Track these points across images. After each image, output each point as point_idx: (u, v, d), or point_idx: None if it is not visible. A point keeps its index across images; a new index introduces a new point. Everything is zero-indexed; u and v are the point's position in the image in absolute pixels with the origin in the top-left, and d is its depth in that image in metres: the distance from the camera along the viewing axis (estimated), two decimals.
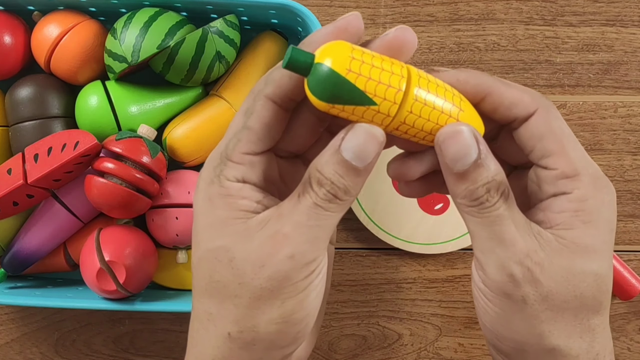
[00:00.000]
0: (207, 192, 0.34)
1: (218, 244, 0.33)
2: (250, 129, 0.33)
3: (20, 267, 0.59)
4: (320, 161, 0.32)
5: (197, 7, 0.57)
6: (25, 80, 0.58)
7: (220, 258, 0.33)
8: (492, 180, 0.33)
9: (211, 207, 0.33)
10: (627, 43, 0.65)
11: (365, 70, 0.30)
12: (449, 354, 0.65)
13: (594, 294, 0.34)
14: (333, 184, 0.32)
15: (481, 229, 0.33)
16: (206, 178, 0.34)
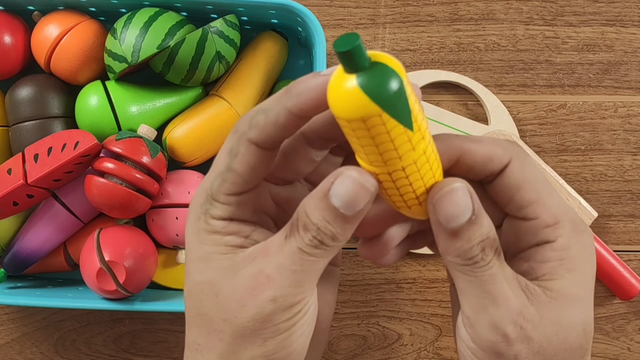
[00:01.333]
0: (195, 227, 0.33)
1: (205, 277, 0.33)
2: (234, 172, 0.32)
3: (20, 267, 0.59)
4: (308, 204, 0.30)
5: (197, 7, 0.57)
6: (25, 80, 0.58)
7: (207, 292, 0.32)
8: (486, 238, 0.32)
9: (199, 242, 0.33)
10: (627, 43, 0.65)
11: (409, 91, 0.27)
12: (449, 354, 0.65)
13: (582, 343, 0.34)
14: (319, 230, 0.30)
15: (472, 287, 0.32)
16: (194, 212, 0.33)
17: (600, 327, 0.65)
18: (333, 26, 0.65)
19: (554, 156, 0.65)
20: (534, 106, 0.65)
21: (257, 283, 0.31)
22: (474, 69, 0.65)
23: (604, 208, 0.65)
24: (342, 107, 0.27)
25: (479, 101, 0.64)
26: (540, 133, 0.65)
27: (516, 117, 0.64)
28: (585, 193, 0.65)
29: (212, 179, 0.33)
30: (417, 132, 0.28)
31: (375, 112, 0.26)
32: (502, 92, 0.65)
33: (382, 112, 0.27)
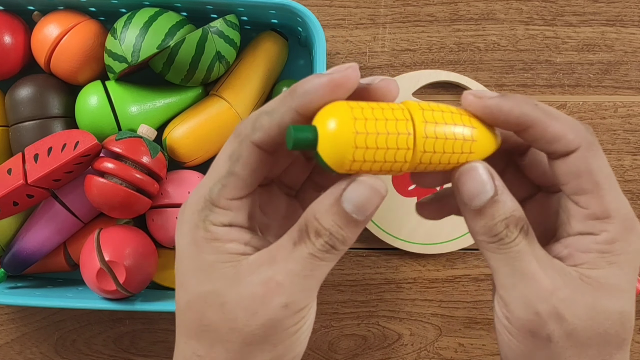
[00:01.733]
0: (192, 236, 0.33)
1: (208, 288, 0.32)
2: (236, 175, 0.32)
3: (21, 267, 0.59)
4: (319, 210, 0.31)
5: (197, 7, 0.57)
6: (25, 80, 0.58)
7: (211, 302, 0.32)
8: (510, 215, 0.33)
9: (197, 251, 0.33)
10: (627, 43, 0.65)
11: (371, 127, 0.29)
12: (449, 354, 0.65)
13: (618, 331, 0.34)
14: (332, 235, 0.31)
15: (502, 265, 0.33)
16: (190, 221, 0.33)
17: None
18: (333, 26, 0.65)
19: None
20: None
21: (267, 290, 0.31)
22: (474, 69, 0.65)
23: None
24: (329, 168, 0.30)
25: None
26: None
27: None
28: None
29: (211, 184, 0.33)
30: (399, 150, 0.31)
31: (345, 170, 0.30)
32: (502, 92, 0.65)
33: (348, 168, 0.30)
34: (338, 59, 0.65)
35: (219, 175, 0.33)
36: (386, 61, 0.65)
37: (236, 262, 0.32)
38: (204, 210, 0.33)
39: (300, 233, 0.31)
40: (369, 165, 0.30)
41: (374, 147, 0.30)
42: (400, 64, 0.65)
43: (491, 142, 0.34)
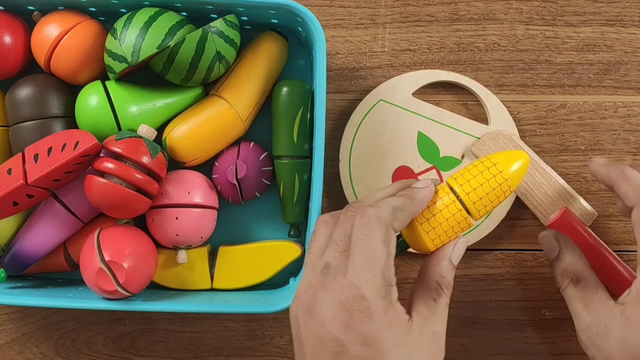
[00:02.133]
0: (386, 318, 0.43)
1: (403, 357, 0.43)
2: (391, 255, 0.44)
3: (20, 267, 0.59)
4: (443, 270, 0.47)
5: (197, 7, 0.57)
6: (25, 80, 0.58)
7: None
8: (563, 270, 0.53)
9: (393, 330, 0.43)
10: (627, 43, 0.65)
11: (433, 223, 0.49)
12: (449, 354, 0.65)
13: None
14: (450, 284, 0.47)
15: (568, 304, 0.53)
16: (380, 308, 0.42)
17: None
18: (333, 26, 0.65)
19: (554, 156, 0.65)
20: (534, 106, 0.65)
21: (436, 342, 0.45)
22: (474, 69, 0.65)
23: (604, 208, 0.65)
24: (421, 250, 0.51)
25: (479, 101, 0.64)
26: (540, 133, 0.65)
27: (516, 117, 0.64)
28: (585, 193, 0.65)
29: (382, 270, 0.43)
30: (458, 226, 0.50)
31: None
32: (502, 92, 0.65)
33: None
34: (338, 59, 0.65)
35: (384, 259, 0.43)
36: (386, 61, 0.65)
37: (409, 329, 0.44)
38: (387, 294, 0.43)
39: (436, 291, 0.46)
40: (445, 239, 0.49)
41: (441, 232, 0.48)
42: (400, 64, 0.65)
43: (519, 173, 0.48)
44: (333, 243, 0.46)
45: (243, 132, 0.60)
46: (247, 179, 0.60)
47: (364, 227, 0.44)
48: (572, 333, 0.65)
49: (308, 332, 0.45)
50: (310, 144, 0.60)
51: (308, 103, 0.59)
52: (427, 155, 0.63)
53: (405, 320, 0.43)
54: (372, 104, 0.63)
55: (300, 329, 0.46)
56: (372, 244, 0.43)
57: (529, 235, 0.65)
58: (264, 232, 0.64)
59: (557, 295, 0.65)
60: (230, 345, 0.65)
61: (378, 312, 0.42)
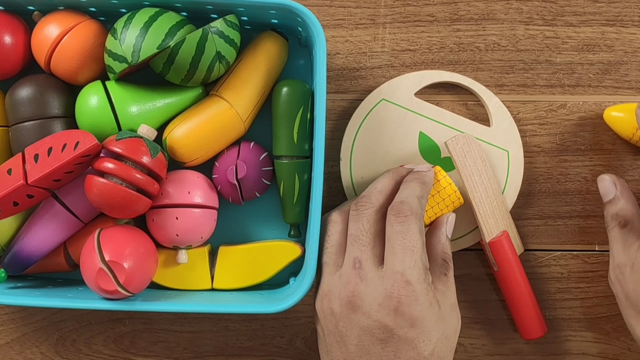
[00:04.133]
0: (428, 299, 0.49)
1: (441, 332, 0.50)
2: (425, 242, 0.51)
3: (20, 267, 0.59)
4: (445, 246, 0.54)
5: (197, 7, 0.57)
6: (25, 80, 0.58)
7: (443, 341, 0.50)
8: (615, 213, 0.57)
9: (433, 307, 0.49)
10: (627, 43, 0.65)
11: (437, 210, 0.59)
12: None
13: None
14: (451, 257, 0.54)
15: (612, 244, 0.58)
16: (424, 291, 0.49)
17: (600, 327, 0.65)
18: (333, 26, 0.65)
19: (554, 156, 0.65)
20: (534, 106, 0.65)
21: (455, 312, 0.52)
22: (474, 69, 0.65)
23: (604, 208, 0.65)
24: None
25: (479, 101, 0.64)
26: (540, 133, 0.65)
27: (516, 117, 0.64)
28: (585, 193, 0.65)
29: (421, 256, 0.49)
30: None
31: None
32: (502, 92, 0.65)
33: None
34: (338, 59, 0.65)
35: (421, 247, 0.50)
36: (386, 61, 0.65)
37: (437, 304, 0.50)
38: (426, 278, 0.49)
39: (445, 266, 0.53)
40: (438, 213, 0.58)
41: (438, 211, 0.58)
42: (400, 64, 0.65)
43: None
44: (354, 239, 0.51)
45: (243, 132, 0.60)
46: (247, 179, 0.60)
47: (398, 219, 0.49)
48: (572, 333, 0.65)
49: (351, 324, 0.49)
50: (310, 144, 0.60)
51: (308, 103, 0.59)
52: (428, 156, 0.63)
53: (437, 300, 0.49)
54: (374, 104, 0.63)
55: (339, 324, 0.50)
56: (411, 235, 0.49)
57: (529, 235, 0.65)
58: (264, 232, 0.64)
59: (557, 295, 0.65)
60: (230, 345, 0.65)
61: (422, 294, 0.48)
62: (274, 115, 0.60)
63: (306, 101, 0.59)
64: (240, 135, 0.60)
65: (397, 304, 0.47)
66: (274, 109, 0.60)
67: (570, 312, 0.65)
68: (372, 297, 0.48)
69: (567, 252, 0.65)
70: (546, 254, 0.65)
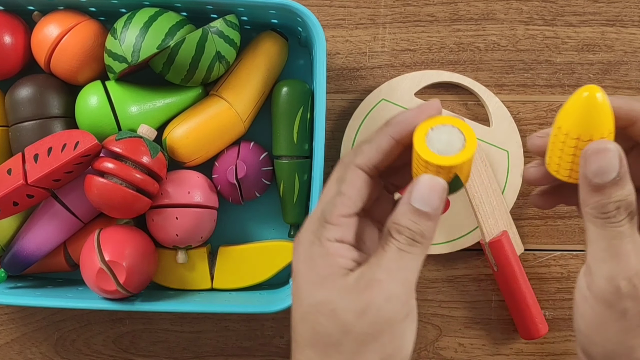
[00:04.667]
0: (309, 253, 0.38)
1: (320, 298, 0.37)
2: (344, 194, 0.38)
3: (21, 267, 0.59)
4: (396, 215, 0.37)
5: (197, 7, 0.57)
6: (25, 80, 0.58)
7: (323, 311, 0.36)
8: (624, 199, 0.36)
9: (312, 266, 0.37)
10: (627, 43, 0.65)
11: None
12: (449, 354, 0.65)
13: None
14: (410, 230, 0.36)
15: (600, 240, 0.36)
16: (305, 241, 0.38)
17: None
18: (333, 26, 0.65)
19: None
20: (534, 106, 0.65)
21: (371, 289, 0.36)
22: (474, 69, 0.65)
23: None
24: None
25: (479, 101, 0.64)
26: None
27: (516, 117, 0.64)
28: None
29: (323, 206, 0.38)
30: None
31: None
32: (502, 92, 0.65)
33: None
34: (338, 59, 0.65)
35: (329, 197, 0.38)
36: (386, 61, 0.65)
37: (345, 275, 0.37)
38: (318, 229, 0.38)
39: (386, 238, 0.37)
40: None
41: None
42: (400, 64, 0.65)
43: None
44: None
45: (243, 132, 0.60)
46: (247, 179, 0.60)
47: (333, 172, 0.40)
48: (571, 333, 0.65)
49: None
50: (310, 144, 0.60)
51: (308, 103, 0.59)
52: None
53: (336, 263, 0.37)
54: (374, 104, 0.63)
55: None
56: (328, 183, 0.39)
57: (529, 235, 0.65)
58: (264, 232, 0.64)
59: (557, 296, 0.65)
60: (230, 345, 0.65)
61: (303, 244, 0.38)
62: (274, 115, 0.60)
63: (306, 101, 0.59)
64: (240, 135, 0.60)
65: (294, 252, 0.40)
66: (273, 109, 0.60)
67: (570, 312, 0.65)
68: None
69: (567, 252, 0.65)
70: (546, 254, 0.65)
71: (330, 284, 0.37)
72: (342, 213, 0.38)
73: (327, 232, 0.38)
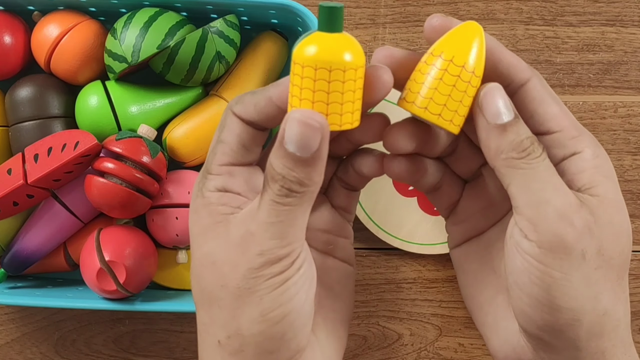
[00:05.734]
0: (194, 206, 0.35)
1: (203, 250, 0.34)
2: (223, 142, 0.35)
3: (21, 267, 0.59)
4: (271, 156, 0.32)
5: (197, 7, 0.57)
6: (25, 80, 0.58)
7: (205, 264, 0.34)
8: (532, 135, 0.33)
9: (197, 218, 0.35)
10: (627, 43, 0.65)
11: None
12: (449, 354, 0.65)
13: (629, 249, 0.33)
14: (285, 178, 0.31)
15: (532, 182, 0.32)
16: (193, 195, 0.35)
17: None
18: None
19: None
20: None
21: (245, 241, 0.32)
22: None
23: None
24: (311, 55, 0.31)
25: None
26: None
27: None
28: None
29: (207, 157, 0.35)
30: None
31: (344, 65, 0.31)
32: None
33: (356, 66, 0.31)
34: None
35: (211, 147, 0.35)
36: None
37: (226, 222, 0.33)
38: (201, 180, 0.35)
39: (264, 183, 0.32)
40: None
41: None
42: None
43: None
44: None
45: None
46: None
47: None
48: None
49: None
50: None
51: None
52: None
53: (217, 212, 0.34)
54: None
55: None
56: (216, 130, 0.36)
57: None
58: None
59: None
60: None
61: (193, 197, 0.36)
62: None
63: None
64: None
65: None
66: None
67: None
68: None
69: None
70: None
71: (211, 234, 0.34)
72: (222, 162, 0.34)
73: (208, 182, 0.34)
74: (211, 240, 0.34)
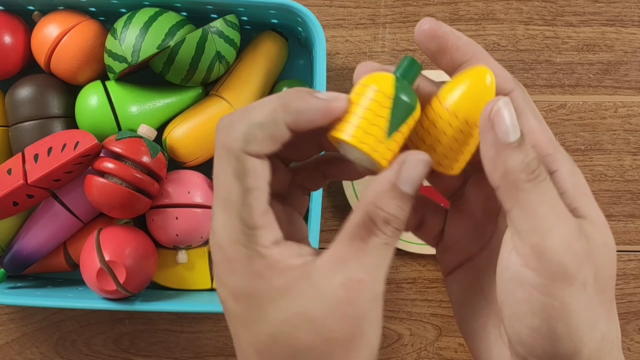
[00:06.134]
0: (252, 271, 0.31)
1: (290, 312, 0.31)
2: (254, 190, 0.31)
3: (20, 267, 0.59)
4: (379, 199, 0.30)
5: (197, 7, 0.57)
6: (25, 80, 0.58)
7: (298, 324, 0.31)
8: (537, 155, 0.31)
9: (265, 282, 0.31)
10: (627, 43, 0.65)
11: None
12: (449, 354, 0.65)
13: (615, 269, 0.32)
14: (397, 219, 0.31)
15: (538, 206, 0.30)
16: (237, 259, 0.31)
17: None
18: (333, 26, 0.65)
19: None
20: None
21: (351, 291, 0.31)
22: None
23: (604, 208, 0.65)
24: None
25: None
26: None
27: None
28: None
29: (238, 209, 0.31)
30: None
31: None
32: None
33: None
34: (338, 59, 0.65)
35: (239, 199, 0.31)
36: (386, 61, 0.65)
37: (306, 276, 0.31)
38: (248, 242, 0.31)
39: (367, 226, 0.31)
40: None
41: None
42: None
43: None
44: None
45: None
46: None
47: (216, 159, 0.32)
48: None
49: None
50: None
51: None
52: None
53: (288, 267, 0.31)
54: None
55: None
56: (224, 180, 0.32)
57: None
58: None
59: None
60: (230, 345, 0.65)
61: (240, 262, 0.31)
62: None
63: None
64: None
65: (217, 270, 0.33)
66: None
67: None
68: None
69: None
70: None
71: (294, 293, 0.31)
72: (263, 211, 0.31)
73: (262, 238, 0.31)
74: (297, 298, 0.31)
